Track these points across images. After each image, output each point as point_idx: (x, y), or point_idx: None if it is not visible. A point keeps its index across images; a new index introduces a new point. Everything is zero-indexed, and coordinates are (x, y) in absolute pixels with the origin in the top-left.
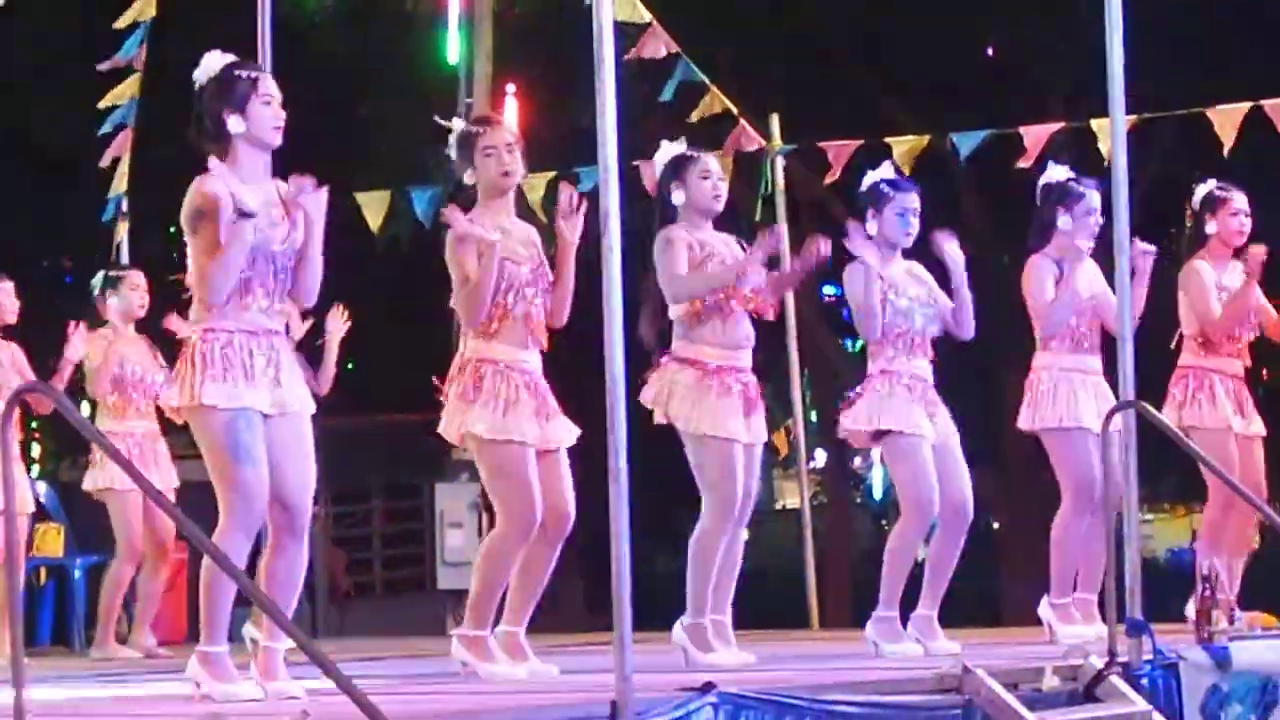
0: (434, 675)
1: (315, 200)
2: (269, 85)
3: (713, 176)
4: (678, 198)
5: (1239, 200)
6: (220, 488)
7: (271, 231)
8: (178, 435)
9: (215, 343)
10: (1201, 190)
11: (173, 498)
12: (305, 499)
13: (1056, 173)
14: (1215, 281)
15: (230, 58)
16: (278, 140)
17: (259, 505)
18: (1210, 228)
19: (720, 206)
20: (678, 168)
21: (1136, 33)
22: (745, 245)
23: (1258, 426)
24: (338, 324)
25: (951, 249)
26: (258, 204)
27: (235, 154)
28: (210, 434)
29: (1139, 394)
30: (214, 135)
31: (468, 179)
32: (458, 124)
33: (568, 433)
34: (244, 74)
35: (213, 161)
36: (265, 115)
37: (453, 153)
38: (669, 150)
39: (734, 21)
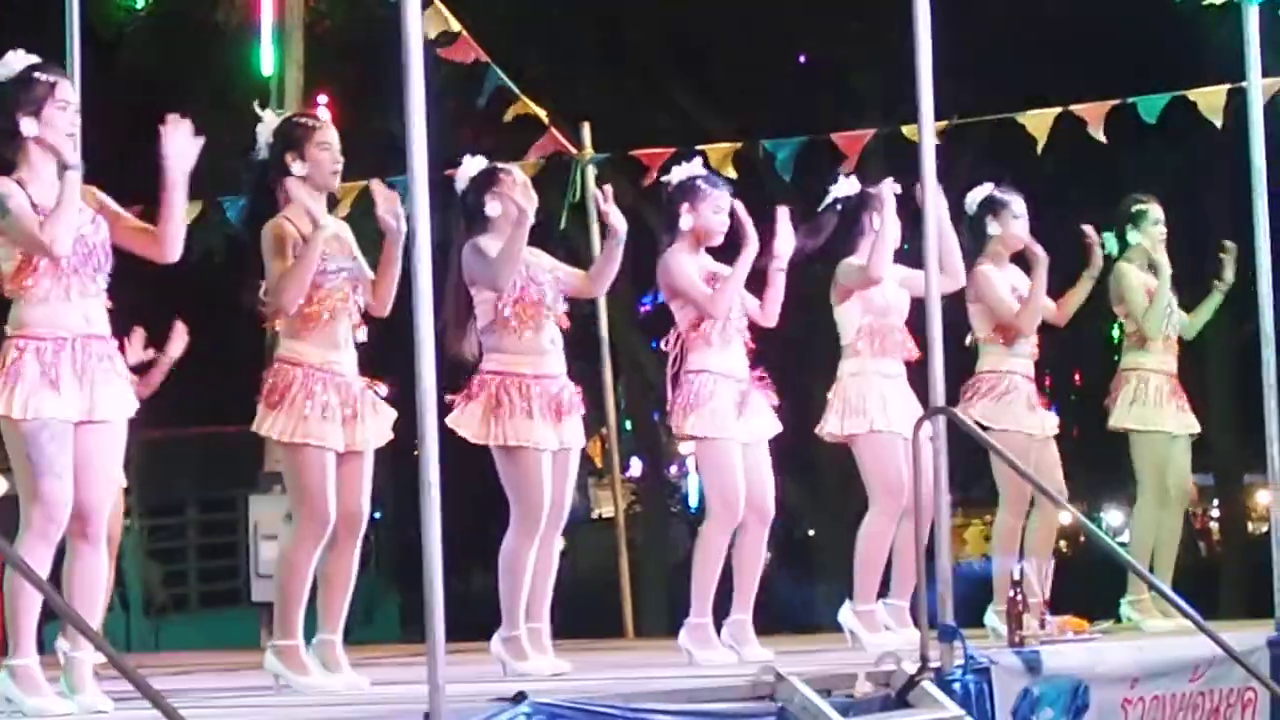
0: (248, 688)
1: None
2: (66, 91)
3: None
4: (493, 209)
5: (1019, 204)
6: (23, 497)
7: (84, 228)
8: None
9: (22, 349)
10: (979, 193)
11: None
12: (101, 508)
13: (846, 186)
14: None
15: (33, 59)
16: (68, 146)
17: (60, 516)
18: (993, 229)
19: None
20: (490, 180)
21: (948, 37)
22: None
23: (1052, 425)
24: (178, 345)
25: (780, 252)
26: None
27: (29, 157)
28: (12, 444)
29: (950, 399)
30: (6, 134)
31: (296, 170)
32: (273, 117)
33: (376, 435)
34: (43, 77)
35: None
36: (59, 120)
37: (272, 141)
38: (475, 164)
39: (546, 31)
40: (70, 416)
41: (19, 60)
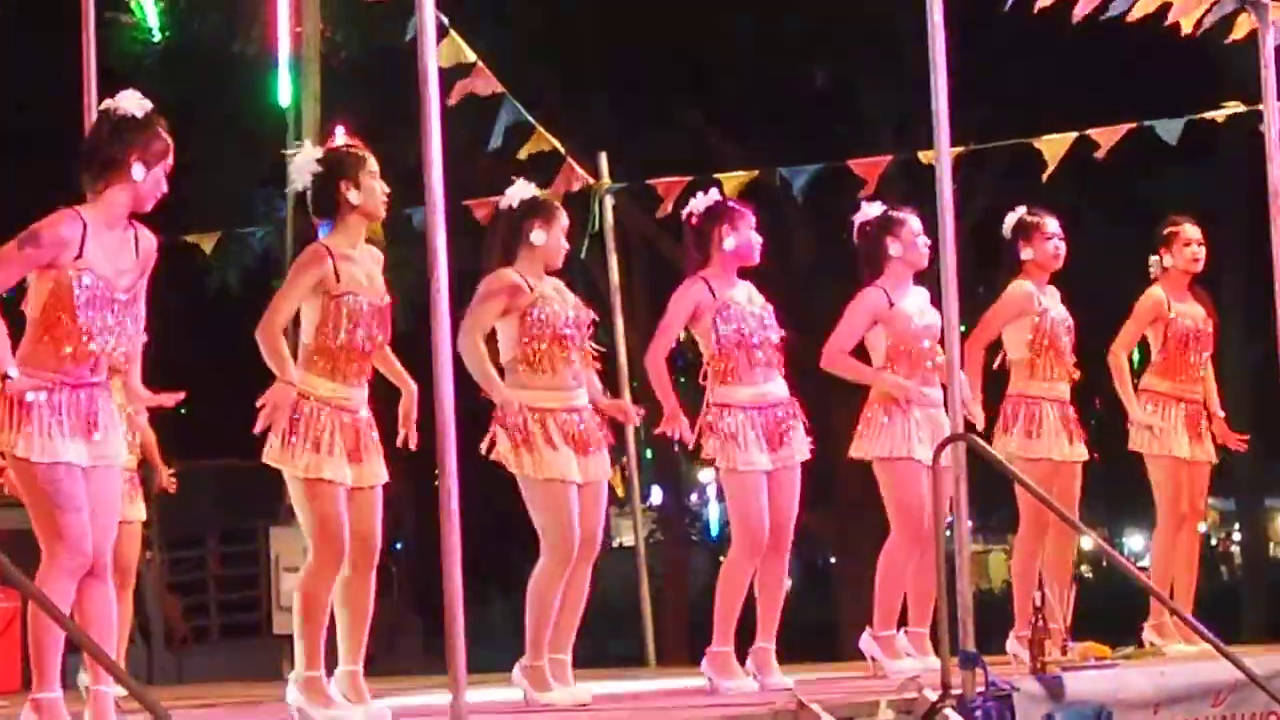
0: None
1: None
2: (170, 156)
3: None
4: (537, 238)
5: (1051, 224)
6: (42, 535)
7: (114, 278)
8: None
9: (34, 393)
10: (1012, 218)
11: None
12: (105, 546)
13: (871, 209)
14: (1037, 303)
15: (149, 105)
16: (148, 208)
17: (83, 550)
18: (1026, 254)
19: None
20: (528, 211)
21: (963, 63)
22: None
23: (1081, 451)
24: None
25: None
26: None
27: (108, 198)
28: (29, 486)
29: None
30: (107, 167)
31: (353, 198)
32: (310, 148)
33: (381, 471)
34: (164, 133)
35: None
36: (160, 181)
37: (319, 175)
38: (527, 189)
39: (560, 60)
40: (79, 460)
41: (145, 103)
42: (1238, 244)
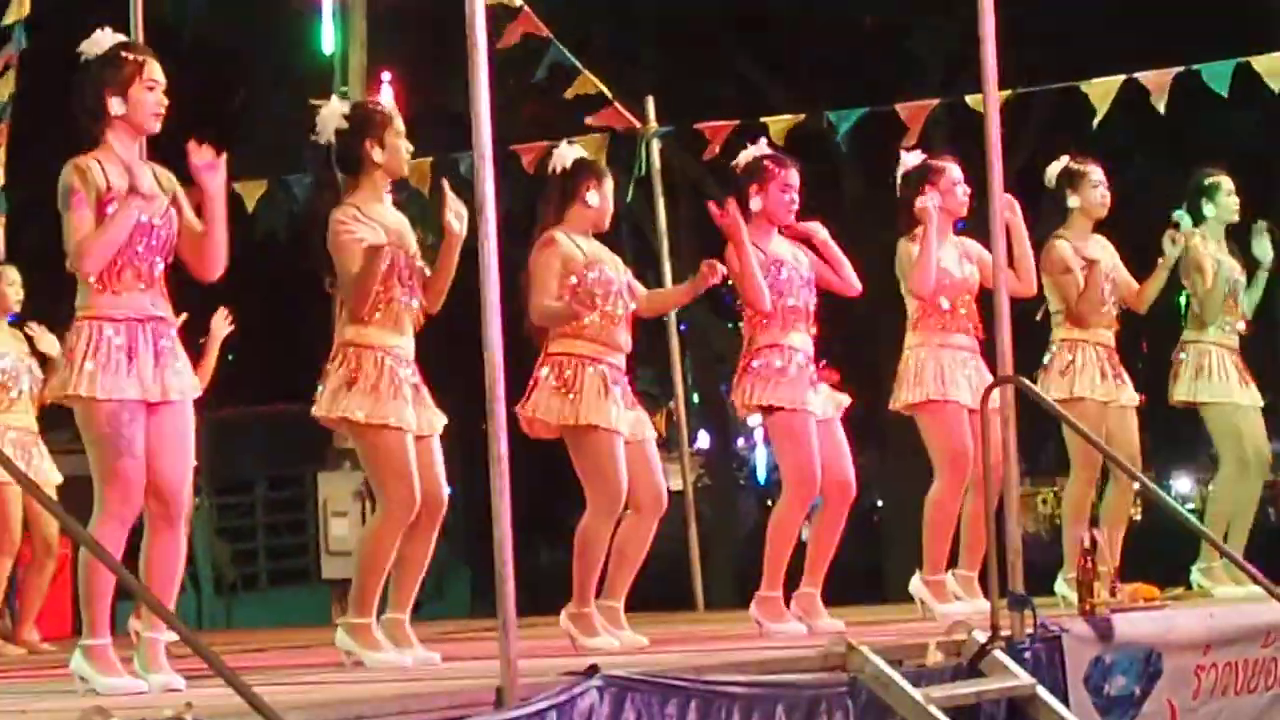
0: (319, 665)
1: (213, 174)
2: (154, 71)
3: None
4: (592, 199)
5: (1096, 172)
6: (98, 479)
7: (151, 212)
8: (62, 430)
9: (96, 331)
10: (1056, 167)
11: (54, 494)
12: (181, 488)
13: (911, 159)
14: (1078, 253)
15: (121, 38)
16: (155, 127)
17: (135, 497)
18: (1073, 202)
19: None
20: (581, 172)
21: (1011, 6)
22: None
23: (1130, 395)
24: (222, 325)
25: (812, 226)
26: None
27: (111, 136)
28: (90, 425)
29: (1018, 369)
30: (92, 113)
31: (377, 156)
32: (338, 102)
33: (438, 419)
34: (131, 56)
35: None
36: (147, 101)
37: (344, 131)
38: (574, 151)
39: (608, 3)
40: (143, 397)
41: (108, 39)
42: None
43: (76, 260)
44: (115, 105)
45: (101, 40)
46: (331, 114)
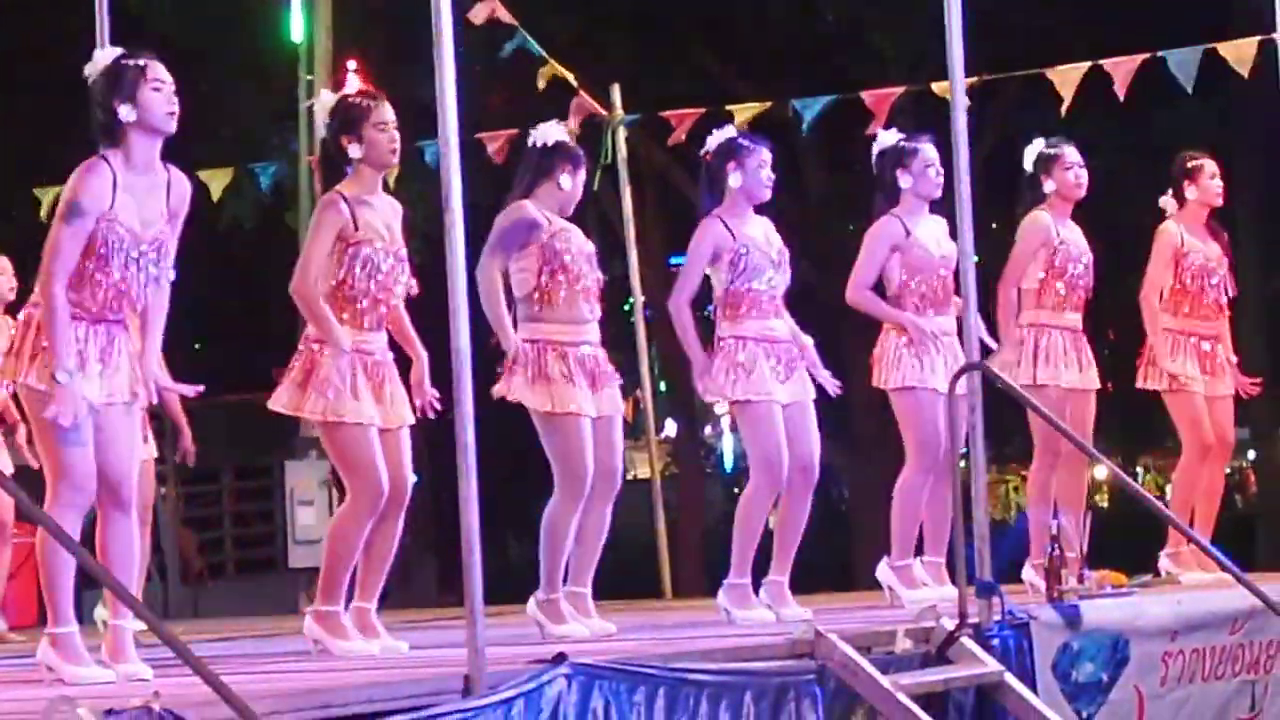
0: (287, 653)
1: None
2: (158, 71)
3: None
4: (565, 183)
5: (1071, 154)
6: (48, 469)
7: (141, 230)
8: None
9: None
10: (1032, 151)
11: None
12: (128, 472)
13: (887, 138)
14: (1055, 234)
15: (119, 50)
16: (171, 126)
17: (89, 485)
18: (1048, 186)
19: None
20: (560, 154)
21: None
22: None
23: (1092, 379)
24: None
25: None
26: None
27: (128, 143)
28: (38, 416)
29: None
30: (107, 127)
31: (353, 153)
32: (327, 96)
33: (408, 412)
34: (132, 62)
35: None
36: (156, 101)
37: (326, 125)
38: (558, 132)
39: None
40: (91, 397)
41: (107, 54)
42: (1253, 178)
43: (45, 277)
44: (126, 112)
45: (101, 59)
46: (322, 108)
